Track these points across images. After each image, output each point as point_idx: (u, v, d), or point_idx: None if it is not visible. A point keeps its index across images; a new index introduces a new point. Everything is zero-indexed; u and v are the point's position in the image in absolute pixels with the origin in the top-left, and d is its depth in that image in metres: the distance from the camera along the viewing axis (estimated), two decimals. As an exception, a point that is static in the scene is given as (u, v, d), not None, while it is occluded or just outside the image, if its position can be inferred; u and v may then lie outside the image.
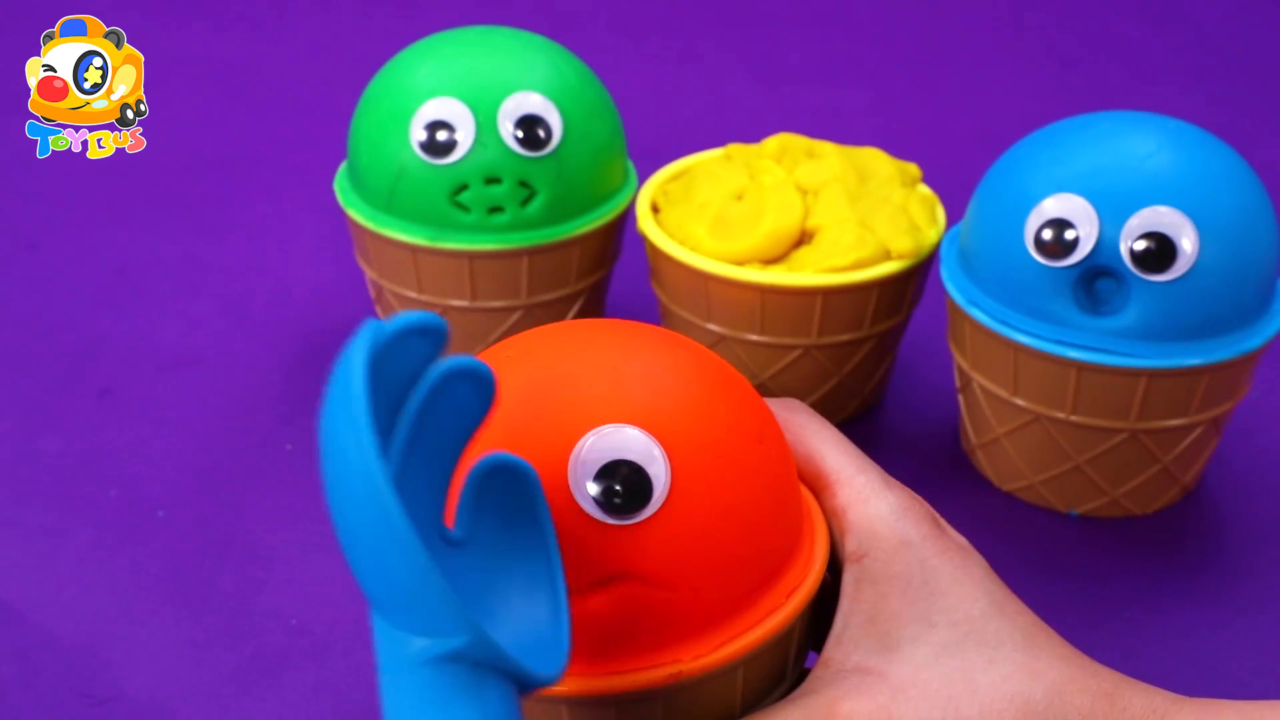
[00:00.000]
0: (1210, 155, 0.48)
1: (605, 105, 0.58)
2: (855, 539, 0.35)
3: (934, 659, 0.32)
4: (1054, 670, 0.32)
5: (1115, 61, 0.95)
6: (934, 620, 0.33)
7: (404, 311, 0.27)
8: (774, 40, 0.99)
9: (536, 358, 0.33)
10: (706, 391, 0.33)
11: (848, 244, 0.53)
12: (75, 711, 0.45)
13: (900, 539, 0.34)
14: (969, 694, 0.32)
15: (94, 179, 0.77)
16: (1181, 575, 0.51)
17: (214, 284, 0.69)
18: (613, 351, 0.33)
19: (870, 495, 0.35)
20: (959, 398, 0.56)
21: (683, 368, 0.33)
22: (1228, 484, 0.55)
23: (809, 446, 0.36)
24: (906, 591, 0.33)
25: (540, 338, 0.34)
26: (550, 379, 0.32)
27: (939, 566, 0.34)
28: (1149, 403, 0.49)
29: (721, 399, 0.33)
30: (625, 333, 0.34)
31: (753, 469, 0.32)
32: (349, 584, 0.50)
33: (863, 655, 0.33)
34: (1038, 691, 0.32)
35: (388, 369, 0.25)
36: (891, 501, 0.35)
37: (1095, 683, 0.32)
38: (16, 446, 0.57)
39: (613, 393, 0.32)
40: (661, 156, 0.64)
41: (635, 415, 0.31)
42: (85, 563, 0.51)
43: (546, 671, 0.28)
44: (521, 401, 0.31)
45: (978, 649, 0.33)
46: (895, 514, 0.35)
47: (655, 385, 0.32)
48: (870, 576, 0.34)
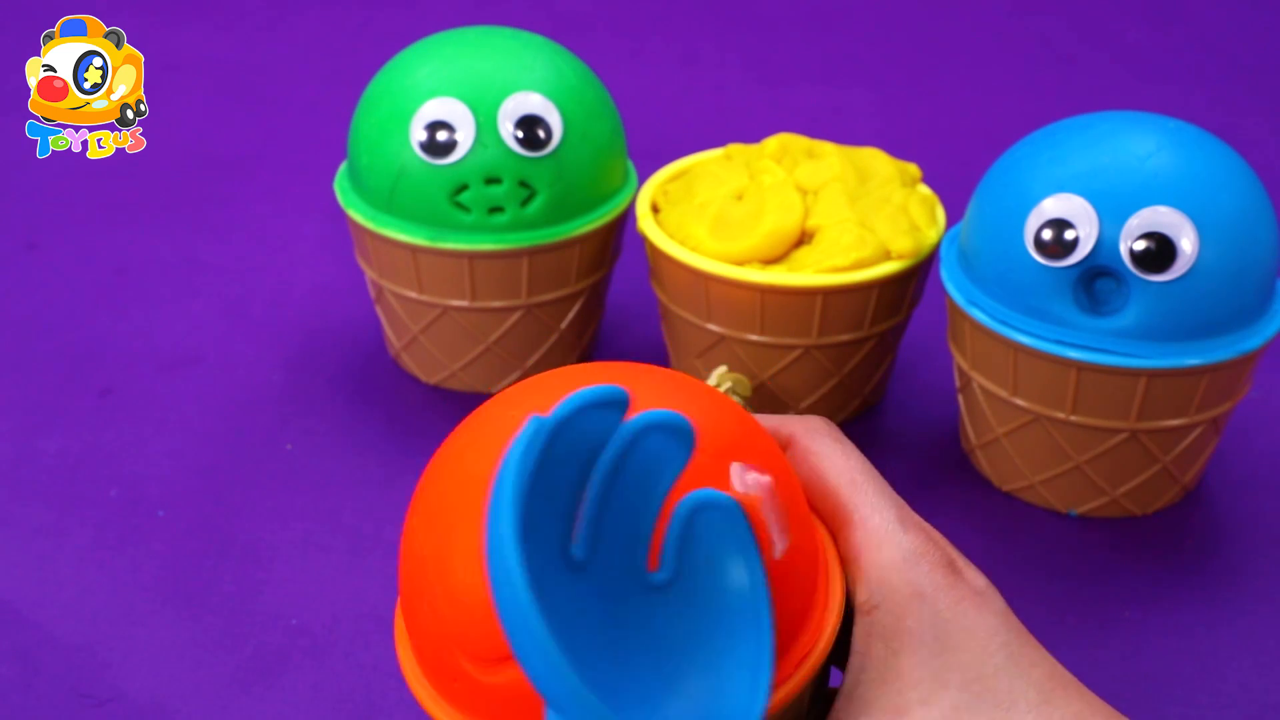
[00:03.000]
0: (1210, 155, 0.48)
1: (605, 105, 0.58)
2: (867, 589, 0.33)
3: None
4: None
5: (1115, 61, 0.95)
6: (946, 680, 0.32)
7: (579, 390, 0.27)
8: (774, 40, 0.99)
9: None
10: (715, 447, 0.31)
11: (848, 244, 0.53)
12: (75, 711, 0.45)
13: (913, 590, 0.33)
14: None
15: (94, 179, 0.77)
16: (1181, 575, 0.51)
17: (214, 284, 0.69)
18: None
19: (884, 540, 0.34)
20: (959, 398, 0.56)
21: (697, 423, 0.32)
22: (1227, 484, 0.55)
23: (826, 480, 0.35)
24: (918, 650, 0.32)
25: (539, 394, 0.33)
26: None
27: (951, 620, 0.33)
28: (1149, 403, 0.49)
29: (722, 453, 0.32)
30: (631, 381, 0.33)
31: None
32: (349, 584, 0.50)
33: (873, 716, 0.32)
34: None
35: (562, 446, 0.27)
36: (906, 547, 0.34)
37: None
38: (17, 446, 0.57)
39: None
40: (661, 156, 0.64)
41: None
42: (85, 562, 0.51)
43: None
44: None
45: (992, 710, 0.32)
46: (909, 561, 0.33)
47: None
48: (881, 632, 0.33)
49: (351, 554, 0.51)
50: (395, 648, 0.33)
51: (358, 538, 0.52)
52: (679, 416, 0.28)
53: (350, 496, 0.54)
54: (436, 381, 0.60)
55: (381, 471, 0.55)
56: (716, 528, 0.29)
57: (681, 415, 0.28)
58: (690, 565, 0.29)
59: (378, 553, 0.51)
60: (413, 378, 0.61)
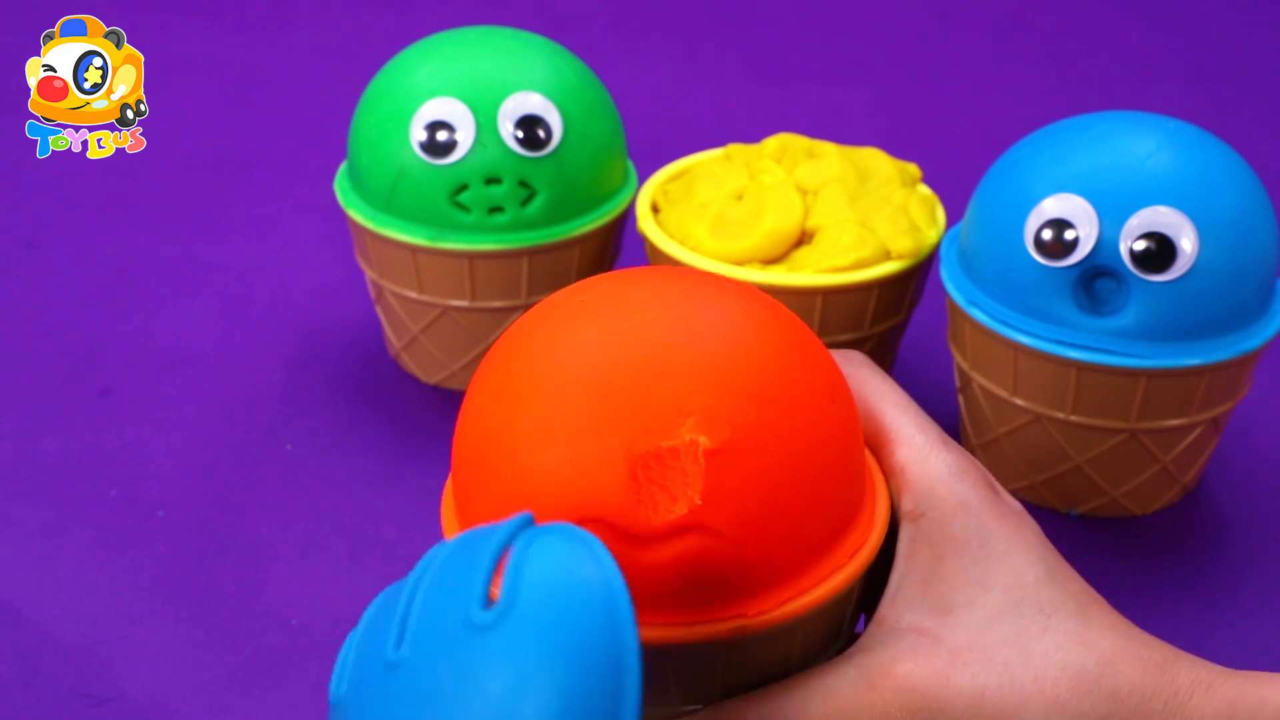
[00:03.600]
0: (1210, 155, 0.48)
1: (605, 105, 0.58)
2: (912, 498, 0.35)
3: (989, 624, 0.32)
4: (1106, 640, 0.32)
5: (1115, 61, 0.95)
6: (989, 584, 0.33)
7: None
8: (774, 40, 0.99)
9: (606, 317, 0.33)
10: (782, 349, 0.33)
11: (848, 244, 0.53)
12: (75, 711, 0.45)
13: (958, 500, 0.34)
14: (1023, 660, 0.32)
15: (94, 179, 0.77)
16: (1181, 575, 0.51)
17: (214, 284, 0.69)
18: (688, 304, 0.33)
19: (929, 454, 0.35)
20: (959, 398, 0.56)
21: (758, 323, 0.33)
22: (1227, 484, 0.55)
23: (868, 402, 0.36)
24: (963, 554, 0.33)
25: (606, 291, 0.34)
26: (626, 345, 0.32)
27: (995, 530, 0.34)
28: (1149, 403, 0.49)
29: (797, 357, 0.33)
30: (696, 284, 0.34)
31: (823, 428, 0.32)
32: (349, 584, 0.50)
33: (917, 616, 0.33)
34: (1090, 661, 0.32)
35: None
36: (949, 462, 0.35)
37: (1146, 653, 0.32)
38: (17, 446, 0.57)
39: (688, 352, 0.32)
40: (661, 156, 0.64)
41: (709, 377, 0.31)
42: (85, 562, 0.51)
43: None
44: (594, 381, 0.32)
45: (1032, 616, 0.33)
46: (953, 475, 0.35)
47: (730, 342, 0.32)
48: (927, 537, 0.34)
49: (351, 554, 0.51)
50: (440, 520, 0.35)
51: (358, 538, 0.52)
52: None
53: (350, 496, 0.54)
54: (436, 381, 0.60)
55: (381, 471, 0.55)
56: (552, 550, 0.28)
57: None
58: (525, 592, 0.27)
59: (378, 553, 0.51)
60: (413, 378, 0.61)
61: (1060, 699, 0.31)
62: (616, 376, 0.31)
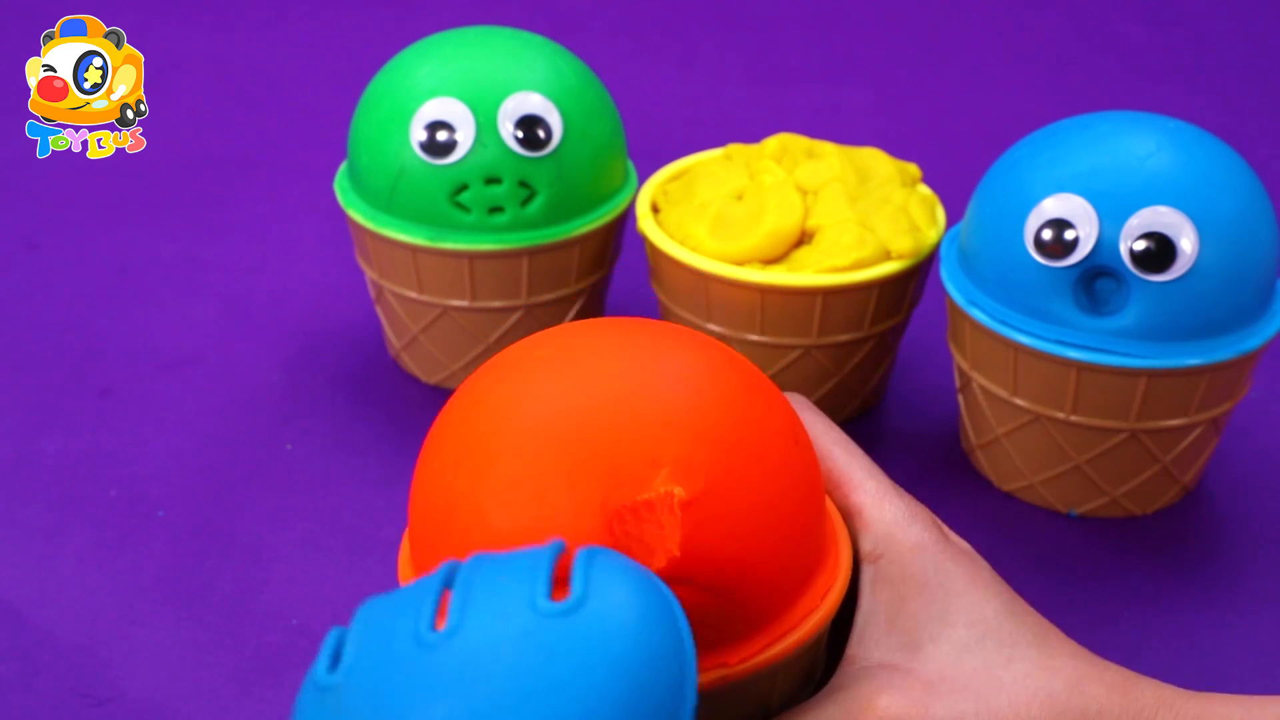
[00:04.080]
0: (1210, 155, 0.48)
1: (605, 105, 0.58)
2: (871, 540, 0.36)
3: (957, 657, 0.33)
4: (1069, 666, 0.33)
5: (1115, 61, 0.95)
6: (952, 620, 0.34)
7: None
8: (774, 40, 0.99)
9: (568, 371, 0.33)
10: (743, 394, 0.33)
11: (848, 244, 0.53)
12: (75, 711, 0.45)
13: (914, 542, 0.35)
14: (995, 689, 0.33)
15: (94, 179, 0.77)
16: (1181, 575, 0.51)
17: (214, 284, 0.69)
18: (647, 354, 0.33)
19: (884, 499, 0.36)
20: (959, 398, 0.56)
21: (717, 369, 0.33)
22: (1227, 484, 0.55)
23: (820, 446, 0.37)
24: (923, 593, 0.34)
25: (564, 344, 0.34)
26: (591, 398, 0.32)
27: (951, 569, 0.35)
28: (1149, 403, 0.49)
29: (758, 402, 0.33)
30: (651, 335, 0.34)
31: (791, 471, 0.33)
32: (349, 584, 0.50)
33: (885, 653, 0.34)
34: (1058, 685, 0.33)
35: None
36: (902, 506, 0.36)
37: (1109, 676, 0.34)
38: (17, 446, 0.57)
39: (656, 402, 0.32)
40: (661, 156, 0.64)
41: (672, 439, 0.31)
42: (85, 562, 0.51)
43: None
44: (552, 439, 0.31)
45: (996, 648, 0.34)
46: (907, 518, 0.36)
47: (695, 389, 0.32)
48: (887, 578, 0.35)
49: (351, 554, 0.51)
50: (398, 576, 0.34)
51: (358, 538, 0.52)
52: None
53: (350, 496, 0.54)
54: (436, 381, 0.60)
55: (381, 471, 0.55)
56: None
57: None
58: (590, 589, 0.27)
59: (378, 553, 0.51)
60: (413, 378, 0.61)
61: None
62: (585, 430, 0.31)
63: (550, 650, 0.25)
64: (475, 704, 0.25)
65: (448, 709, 0.25)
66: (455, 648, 0.26)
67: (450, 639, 0.26)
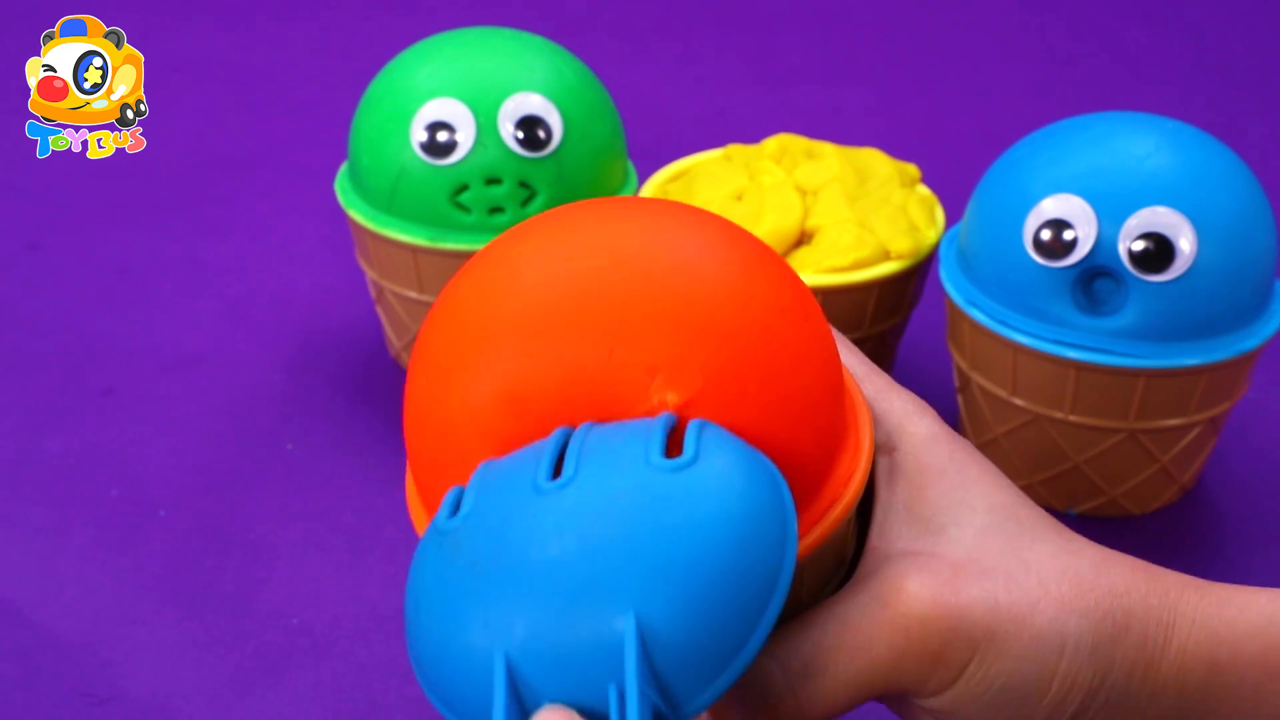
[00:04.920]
0: (1208, 156, 0.48)
1: (605, 106, 0.58)
2: (883, 431, 0.35)
3: (980, 538, 0.33)
4: (1090, 549, 0.33)
5: (1115, 61, 0.95)
6: (973, 505, 0.34)
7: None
8: (774, 40, 0.99)
9: (558, 253, 0.32)
10: (745, 274, 0.32)
11: (847, 244, 0.53)
12: (76, 710, 0.45)
13: (927, 433, 0.35)
14: (1023, 568, 0.32)
15: (94, 179, 0.77)
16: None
17: (215, 284, 0.69)
18: (638, 236, 0.32)
19: (891, 392, 0.36)
20: (958, 398, 0.56)
21: (713, 251, 0.32)
22: (1225, 483, 0.55)
23: None
24: (941, 480, 0.34)
25: (559, 228, 0.33)
26: (582, 286, 0.30)
27: (965, 459, 0.35)
28: (1147, 402, 0.49)
29: (760, 279, 0.32)
30: (639, 215, 0.33)
31: (800, 352, 0.31)
32: (349, 583, 0.50)
33: (908, 541, 0.33)
34: (1084, 565, 0.33)
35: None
36: (908, 399, 0.36)
37: (1130, 559, 0.33)
38: (19, 446, 0.57)
39: (648, 297, 0.30)
40: (661, 156, 0.64)
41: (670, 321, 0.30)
42: (87, 562, 0.51)
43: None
44: (550, 322, 0.30)
45: (1019, 530, 0.33)
46: (916, 411, 0.36)
47: (691, 277, 0.31)
48: (903, 469, 0.35)
49: (351, 553, 0.51)
50: (409, 513, 0.34)
51: (358, 537, 0.52)
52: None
53: (350, 496, 0.54)
54: (436, 381, 0.60)
55: (381, 471, 0.56)
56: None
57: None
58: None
59: (378, 552, 0.51)
60: (413, 377, 0.61)
61: (1066, 598, 0.32)
62: (572, 328, 0.30)
63: (664, 499, 0.27)
64: (591, 541, 0.27)
65: (562, 546, 0.27)
66: (573, 493, 0.27)
67: (567, 486, 0.28)
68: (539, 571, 0.27)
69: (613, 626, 0.26)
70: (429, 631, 0.28)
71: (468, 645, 0.27)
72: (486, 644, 0.27)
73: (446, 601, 0.28)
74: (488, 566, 0.27)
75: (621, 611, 0.26)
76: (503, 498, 0.28)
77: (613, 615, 0.26)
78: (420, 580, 0.29)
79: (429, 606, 0.28)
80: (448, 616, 0.28)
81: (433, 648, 0.28)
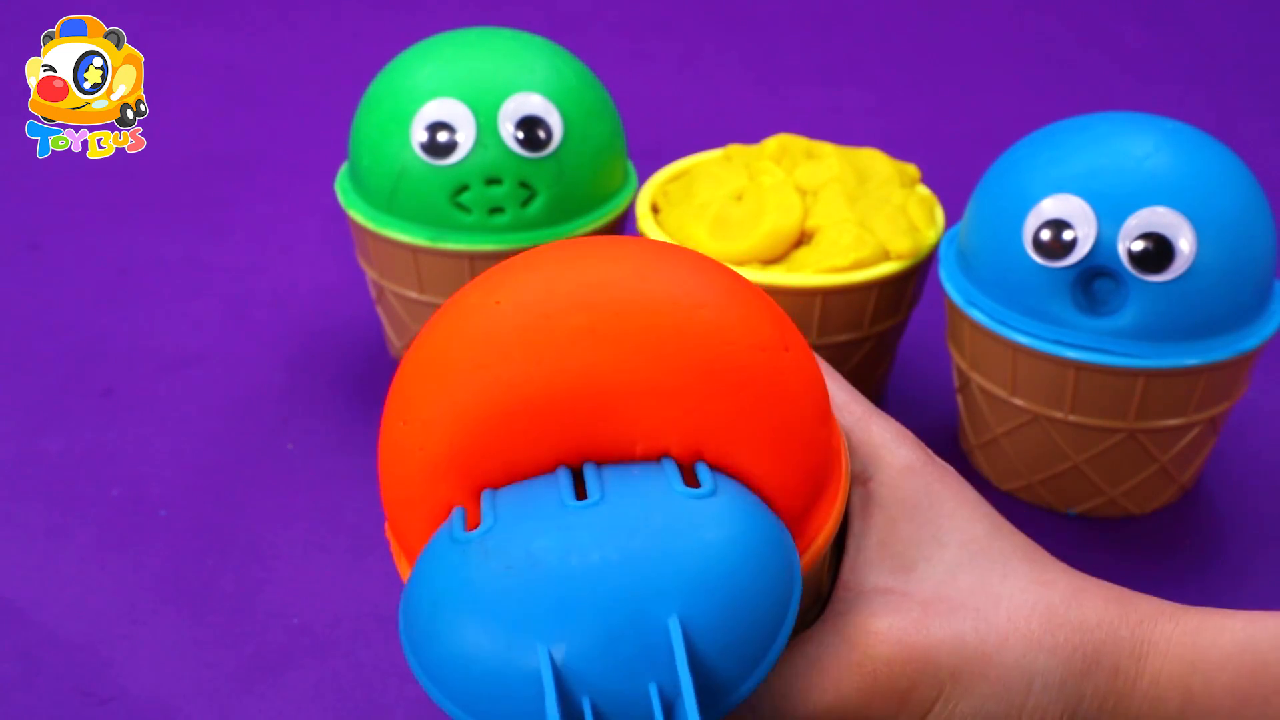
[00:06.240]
0: (1208, 156, 0.48)
1: (605, 106, 0.58)
2: (859, 462, 0.36)
3: (951, 576, 0.33)
4: (1063, 580, 0.33)
5: (1115, 61, 0.95)
6: (944, 541, 0.34)
7: None
8: (774, 41, 0.99)
9: (548, 284, 0.32)
10: (725, 311, 0.32)
11: (847, 244, 0.53)
12: (77, 710, 0.45)
13: (903, 464, 0.35)
14: (992, 605, 0.33)
15: (94, 179, 0.77)
16: (1179, 574, 0.51)
17: (215, 284, 0.69)
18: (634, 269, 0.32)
19: (868, 420, 0.36)
20: (958, 398, 0.56)
21: (696, 293, 0.32)
22: (1225, 483, 0.55)
23: None
24: (915, 515, 0.34)
25: (537, 280, 0.33)
26: (568, 331, 0.31)
27: (940, 491, 0.35)
28: (1147, 402, 0.49)
29: (733, 321, 0.32)
30: (610, 256, 0.33)
31: (780, 386, 0.32)
32: (349, 583, 0.50)
33: (880, 577, 0.34)
34: (1055, 598, 0.33)
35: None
36: (887, 428, 0.36)
37: (1104, 589, 0.34)
38: (19, 446, 0.57)
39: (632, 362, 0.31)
40: (661, 156, 0.64)
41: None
42: (87, 562, 0.51)
43: None
44: (539, 372, 0.31)
45: (990, 564, 0.34)
46: (895, 440, 0.36)
47: (672, 322, 0.31)
48: (878, 501, 0.35)
49: (352, 553, 0.51)
50: (394, 562, 0.35)
51: (358, 537, 0.52)
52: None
53: (350, 496, 0.54)
54: (437, 381, 0.60)
55: (382, 471, 0.56)
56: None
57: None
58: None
59: (378, 552, 0.51)
60: (413, 377, 0.61)
61: (1035, 635, 0.32)
62: (551, 404, 0.31)
63: (694, 520, 0.29)
64: (632, 552, 0.28)
65: (604, 555, 0.28)
66: (606, 510, 0.29)
67: (598, 505, 0.29)
68: (582, 576, 0.28)
69: (660, 626, 0.28)
70: (453, 630, 0.28)
71: (506, 642, 0.28)
72: (528, 641, 0.28)
73: (478, 601, 0.28)
74: (525, 570, 0.28)
75: (668, 613, 0.28)
76: (528, 513, 0.30)
77: (660, 617, 0.28)
78: (440, 583, 0.29)
79: (454, 606, 0.29)
80: (480, 615, 0.28)
81: (458, 646, 0.28)
